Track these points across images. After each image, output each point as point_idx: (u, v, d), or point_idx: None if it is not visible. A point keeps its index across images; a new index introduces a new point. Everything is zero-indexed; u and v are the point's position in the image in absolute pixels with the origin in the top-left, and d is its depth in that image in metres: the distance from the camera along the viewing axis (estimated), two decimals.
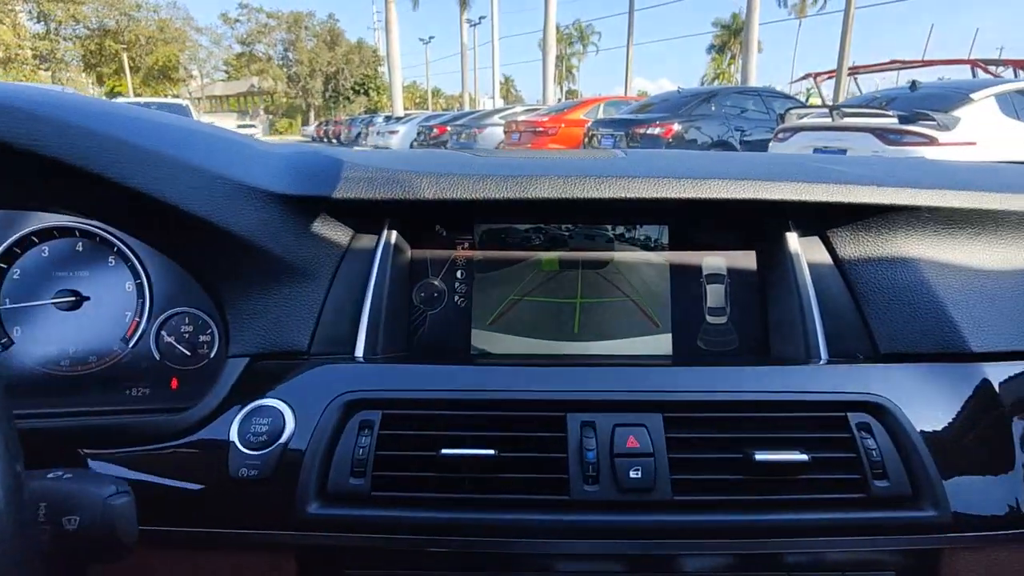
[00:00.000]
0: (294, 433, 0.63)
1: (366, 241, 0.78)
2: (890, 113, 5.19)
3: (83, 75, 41.02)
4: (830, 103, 7.83)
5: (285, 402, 0.64)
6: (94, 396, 0.73)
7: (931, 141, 4.85)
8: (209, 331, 0.75)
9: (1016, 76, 7.06)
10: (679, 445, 0.62)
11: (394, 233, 0.78)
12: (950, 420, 0.65)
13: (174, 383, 0.74)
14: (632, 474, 0.60)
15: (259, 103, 56.74)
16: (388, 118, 20.36)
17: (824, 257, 0.78)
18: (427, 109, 44.25)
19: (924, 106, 5.15)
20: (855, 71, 10.55)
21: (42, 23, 36.88)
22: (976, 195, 0.73)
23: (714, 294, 0.81)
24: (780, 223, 0.78)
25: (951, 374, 0.68)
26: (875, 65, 10.21)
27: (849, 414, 0.64)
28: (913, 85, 5.88)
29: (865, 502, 0.61)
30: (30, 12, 35.67)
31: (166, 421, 0.66)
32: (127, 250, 0.75)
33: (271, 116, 54.66)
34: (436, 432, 0.63)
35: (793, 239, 0.77)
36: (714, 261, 0.82)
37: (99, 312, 0.75)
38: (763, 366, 0.69)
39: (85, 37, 39.45)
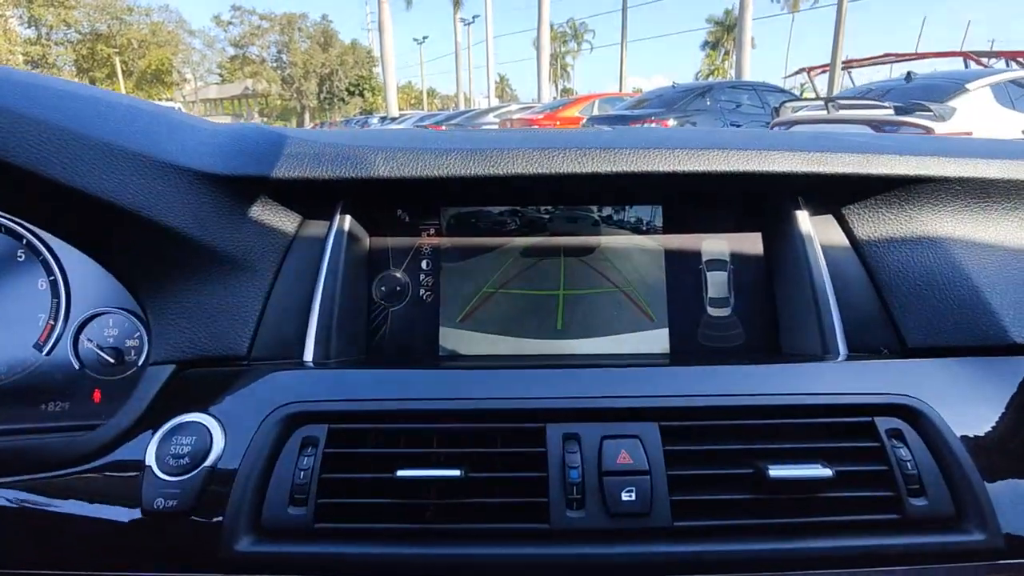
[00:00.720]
0: (223, 454, 0.53)
1: (316, 228, 0.69)
2: (886, 105, 5.18)
3: (76, 79, 40.83)
4: (824, 96, 7.82)
5: (214, 417, 0.55)
6: (4, 412, 0.64)
7: (927, 132, 4.83)
8: (137, 335, 0.66)
9: (1008, 67, 7.04)
10: (679, 460, 0.53)
11: (348, 218, 0.69)
12: (993, 424, 0.56)
13: (96, 395, 0.65)
14: (624, 496, 0.51)
15: (253, 106, 56.55)
16: (383, 119, 20.34)
17: (840, 238, 0.70)
18: (422, 109, 44.19)
19: (920, 97, 5.15)
20: (848, 65, 10.56)
21: (33, 28, 36.71)
22: (1013, 164, 0.65)
23: (716, 283, 0.74)
24: (789, 200, 0.70)
25: (990, 369, 0.60)
26: (868, 59, 10.22)
27: (877, 419, 0.55)
28: (908, 76, 5.86)
29: (900, 524, 0.52)
30: (21, 17, 35.50)
31: (68, 442, 0.56)
32: (37, 242, 0.66)
33: (266, 119, 54.44)
34: (392, 450, 0.54)
35: (804, 218, 0.69)
36: (715, 245, 0.75)
37: (6, 315, 0.66)
38: (774, 364, 0.61)
39: (77, 42, 39.25)
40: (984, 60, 7.79)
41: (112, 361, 0.65)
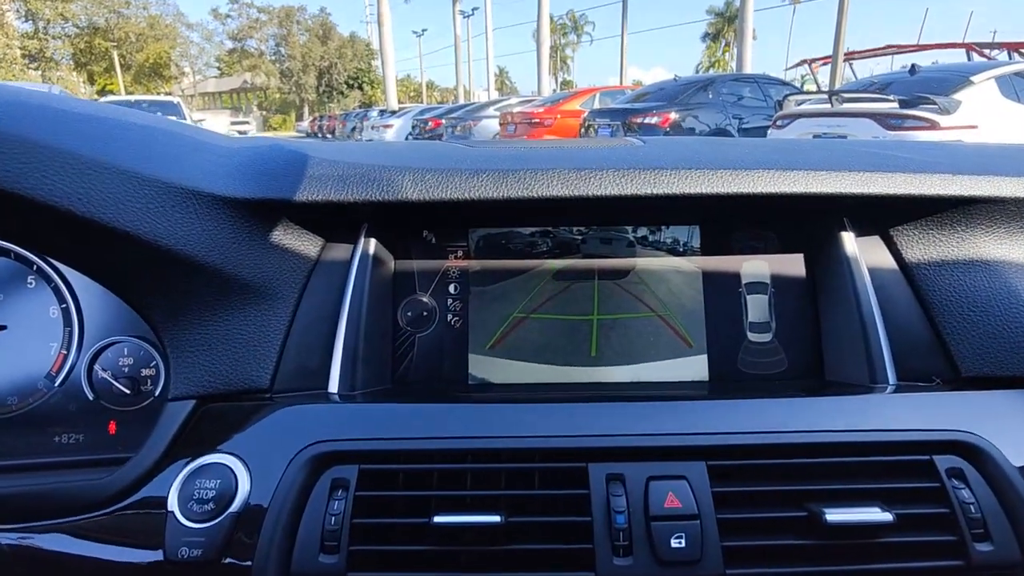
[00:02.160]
0: (248, 497, 0.51)
1: (339, 252, 0.66)
2: (890, 98, 5.14)
3: (74, 74, 40.62)
4: (826, 89, 7.77)
5: (238, 457, 0.52)
6: (14, 444, 0.61)
7: (932, 125, 4.80)
8: (153, 364, 0.64)
9: (1011, 58, 7.00)
10: (729, 502, 0.50)
11: (372, 241, 0.67)
12: None
13: (112, 427, 0.63)
14: (674, 543, 0.48)
15: (252, 99, 56.34)
16: (383, 112, 20.24)
17: (887, 260, 0.67)
18: (422, 102, 44.02)
19: (924, 90, 5.10)
20: (850, 57, 10.48)
21: (30, 22, 36.48)
22: None
23: (756, 306, 0.71)
24: (834, 221, 0.67)
25: None
26: (870, 50, 10.15)
27: (935, 457, 0.52)
28: (912, 69, 5.82)
29: (965, 571, 0.49)
30: (18, 11, 35.27)
31: (89, 486, 0.53)
32: (49, 268, 0.63)
33: (265, 112, 54.25)
34: (427, 492, 0.51)
35: (850, 239, 0.66)
36: (755, 267, 0.72)
37: (17, 344, 0.63)
38: (824, 396, 0.58)
39: (74, 35, 39.04)
40: (987, 52, 7.72)
41: (127, 392, 0.63)
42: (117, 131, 0.54)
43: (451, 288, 0.72)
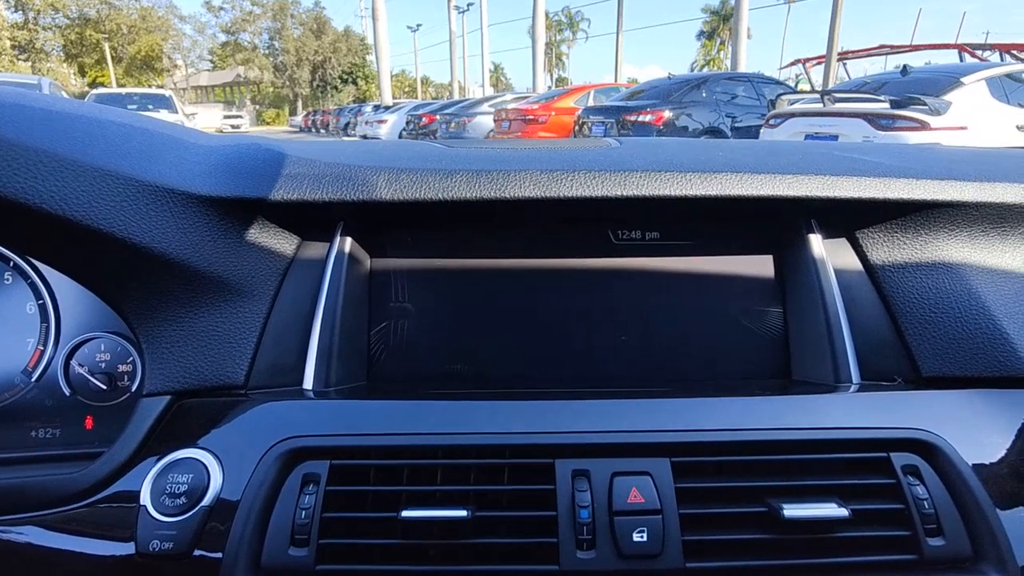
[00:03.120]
0: (220, 491, 0.51)
1: (315, 250, 0.67)
2: (882, 98, 5.18)
3: (64, 65, 40.27)
4: (820, 88, 7.81)
5: (211, 452, 0.53)
6: None
7: (923, 126, 4.84)
8: (130, 360, 0.65)
9: (1003, 60, 7.05)
10: (691, 497, 0.52)
11: (348, 240, 0.67)
12: (1012, 460, 0.54)
13: (89, 422, 0.64)
14: (636, 536, 0.49)
15: (245, 93, 55.96)
16: (377, 107, 20.20)
17: (853, 262, 0.68)
18: (416, 98, 43.88)
19: (915, 91, 5.14)
20: (844, 56, 10.53)
21: (20, 12, 36.10)
22: None
23: (725, 308, 0.72)
24: (803, 223, 0.69)
25: (1010, 402, 0.58)
26: (864, 50, 10.20)
27: (892, 454, 0.53)
28: (904, 70, 5.86)
29: (917, 566, 0.50)
30: (7, 1, 34.90)
31: (64, 480, 0.54)
32: (26, 265, 0.64)
33: (258, 106, 53.93)
34: (396, 487, 0.52)
35: (817, 242, 0.67)
36: (725, 268, 0.72)
37: None
38: (787, 395, 0.60)
39: (65, 26, 38.66)
40: (980, 53, 7.78)
41: (104, 387, 0.63)
42: (94, 129, 0.54)
43: (427, 286, 0.72)
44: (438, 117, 13.20)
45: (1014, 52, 7.45)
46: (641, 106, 7.60)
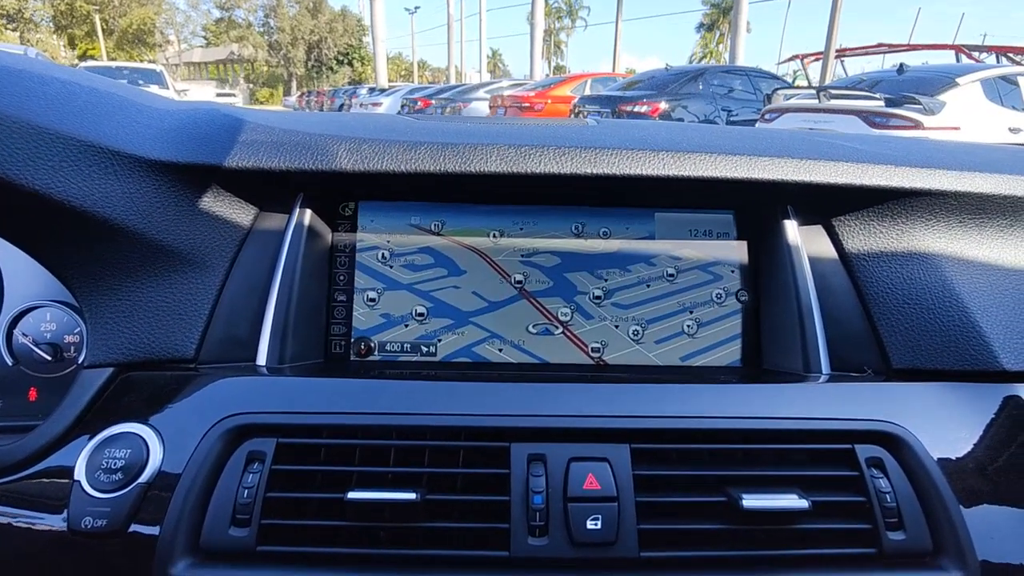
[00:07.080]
0: (159, 468, 0.49)
1: (273, 221, 0.64)
2: (877, 96, 5.19)
3: (54, 37, 39.50)
4: (817, 85, 7.81)
5: (152, 427, 0.51)
6: None
7: (916, 125, 4.86)
8: (77, 331, 0.62)
9: (998, 62, 7.08)
10: (649, 486, 0.50)
11: (308, 212, 0.64)
12: (978, 454, 0.54)
13: (32, 393, 0.62)
14: (590, 524, 0.48)
15: (239, 71, 55.21)
16: (372, 90, 19.97)
17: (828, 250, 0.67)
18: (412, 82, 43.50)
19: (911, 89, 5.16)
20: (842, 53, 10.54)
21: None
22: (1010, 179, 0.62)
23: (697, 293, 0.70)
24: (778, 209, 0.67)
25: (978, 396, 0.57)
26: (862, 48, 10.22)
27: (857, 446, 0.52)
28: (901, 68, 5.87)
29: (876, 559, 0.50)
30: None
31: None
32: None
33: (252, 85, 53.22)
34: (344, 468, 0.50)
35: (792, 228, 0.66)
36: (698, 253, 0.71)
37: None
38: (753, 384, 0.59)
39: None
40: (976, 54, 7.81)
41: (48, 358, 0.61)
42: (33, 85, 0.51)
43: (388, 262, 0.69)
44: (434, 102, 13.11)
45: (1010, 55, 7.48)
46: (637, 96, 7.58)
